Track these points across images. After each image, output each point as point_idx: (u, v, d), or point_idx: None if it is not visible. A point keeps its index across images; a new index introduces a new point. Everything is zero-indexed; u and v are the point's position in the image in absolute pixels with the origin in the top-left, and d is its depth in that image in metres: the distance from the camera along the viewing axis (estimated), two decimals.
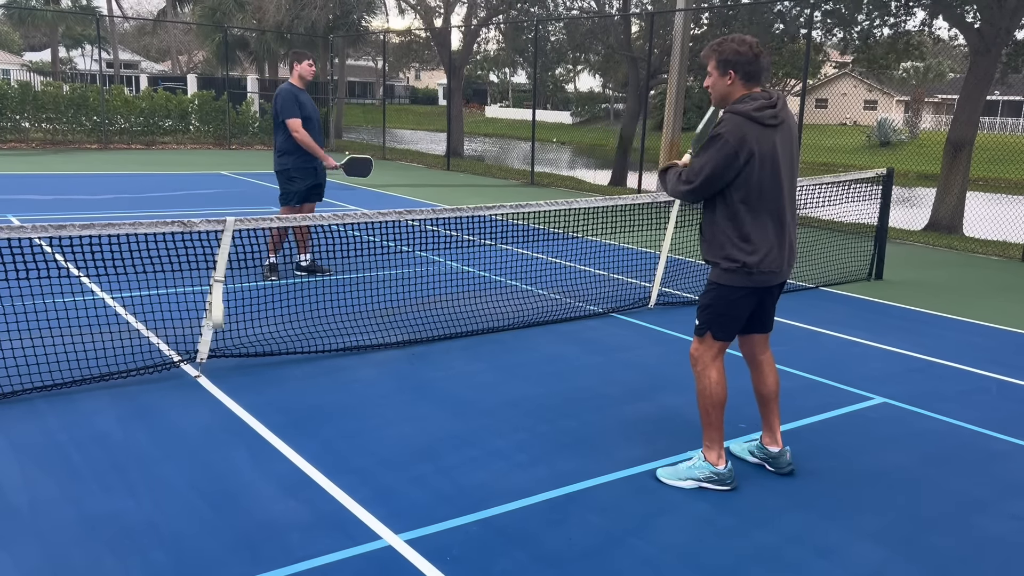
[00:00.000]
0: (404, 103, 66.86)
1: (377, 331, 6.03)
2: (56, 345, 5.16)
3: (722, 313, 3.76)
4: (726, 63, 3.59)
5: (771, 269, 3.67)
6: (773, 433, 4.02)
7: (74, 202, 11.98)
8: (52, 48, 50.35)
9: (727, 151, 3.51)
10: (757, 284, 3.70)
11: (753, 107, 3.53)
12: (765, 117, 3.54)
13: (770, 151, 3.57)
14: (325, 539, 3.27)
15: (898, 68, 19.24)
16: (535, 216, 9.90)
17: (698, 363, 3.83)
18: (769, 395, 4.00)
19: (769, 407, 4.01)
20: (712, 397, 3.78)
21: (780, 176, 3.62)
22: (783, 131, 3.62)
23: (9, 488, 3.60)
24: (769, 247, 3.64)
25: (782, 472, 4.01)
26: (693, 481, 3.82)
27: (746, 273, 3.66)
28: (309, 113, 7.52)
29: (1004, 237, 12.36)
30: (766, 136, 3.55)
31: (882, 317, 7.30)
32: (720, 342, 3.81)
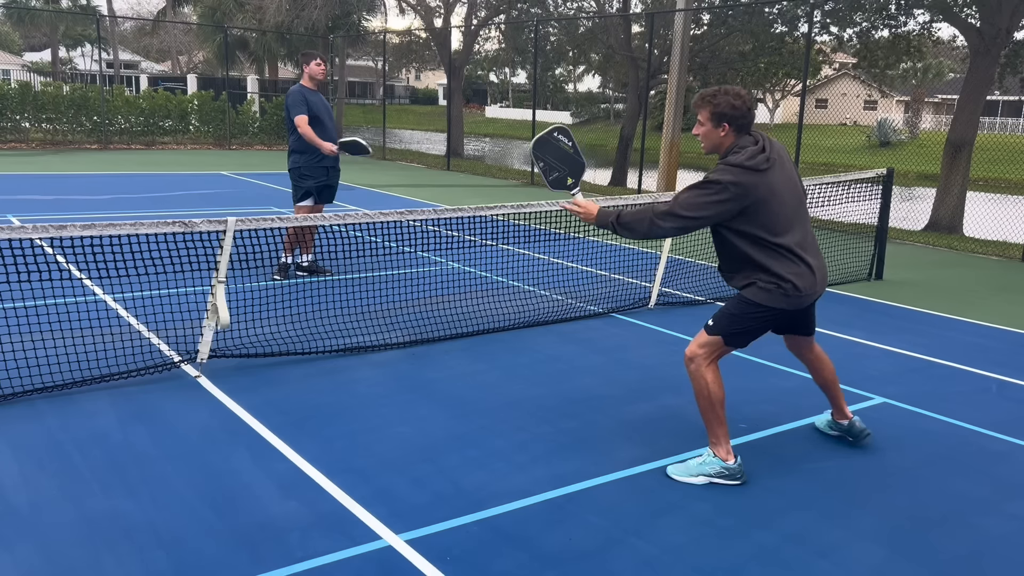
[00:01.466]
0: (404, 103, 66.87)
1: (377, 331, 6.03)
2: (57, 345, 5.16)
3: (745, 325, 3.84)
4: (721, 116, 3.72)
5: (806, 291, 3.77)
6: (841, 409, 4.34)
7: (74, 202, 11.98)
8: (52, 48, 50.35)
9: (724, 199, 3.64)
10: (791, 306, 3.80)
11: (745, 157, 3.66)
12: (759, 163, 3.66)
13: (771, 191, 3.69)
14: (325, 539, 3.27)
15: (898, 68, 19.19)
16: (535, 216, 9.90)
17: (692, 363, 3.86)
18: (827, 382, 4.28)
19: (832, 391, 4.30)
20: (711, 396, 3.82)
21: (788, 208, 3.74)
22: (778, 168, 3.75)
23: (9, 488, 3.60)
24: (798, 271, 3.74)
25: (860, 440, 4.32)
26: (704, 477, 3.87)
27: (783, 294, 3.74)
28: (318, 113, 7.48)
29: (1004, 237, 12.37)
30: (764, 180, 3.67)
31: (882, 317, 7.30)
32: (726, 348, 3.88)
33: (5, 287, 5.27)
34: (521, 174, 19.96)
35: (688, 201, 3.69)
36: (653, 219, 3.76)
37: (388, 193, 14.99)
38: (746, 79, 22.69)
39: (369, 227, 6.04)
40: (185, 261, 5.26)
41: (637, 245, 9.13)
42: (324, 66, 7.64)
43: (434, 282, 7.62)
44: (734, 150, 3.72)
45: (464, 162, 23.64)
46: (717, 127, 3.74)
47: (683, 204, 3.70)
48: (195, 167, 18.45)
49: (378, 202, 13.51)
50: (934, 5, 14.07)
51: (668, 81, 15.79)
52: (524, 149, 34.16)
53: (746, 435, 4.44)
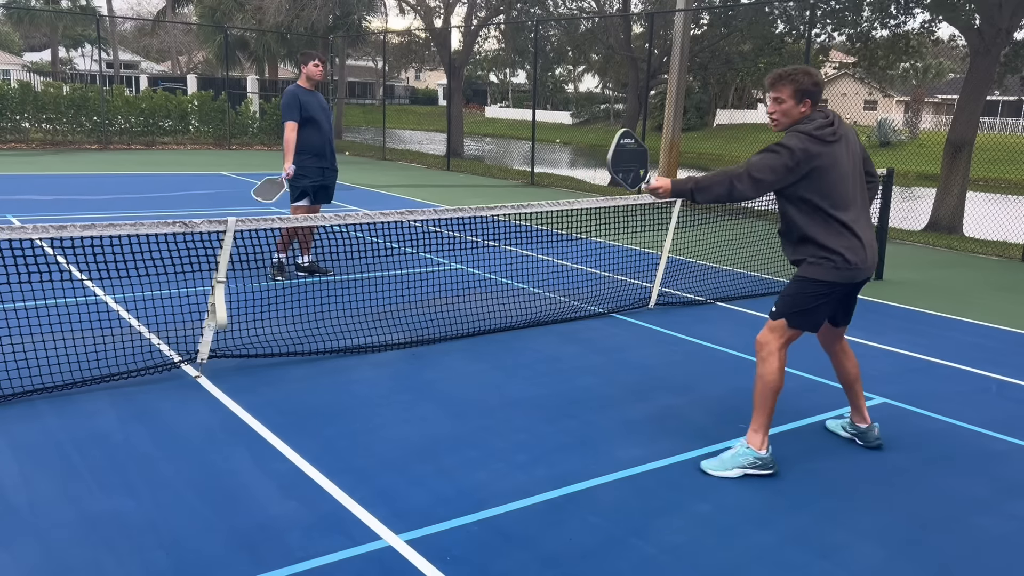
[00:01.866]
0: (404, 103, 66.87)
1: (378, 332, 6.03)
2: (57, 346, 5.16)
3: (803, 303, 3.96)
4: (804, 92, 3.92)
5: (858, 266, 3.91)
6: (860, 411, 4.36)
7: (74, 202, 11.98)
8: (52, 48, 50.37)
9: (790, 163, 3.82)
10: (843, 280, 3.93)
11: (814, 127, 3.87)
12: (826, 135, 3.87)
13: (834, 163, 3.88)
14: (325, 539, 3.27)
15: (897, 69, 19.20)
16: (536, 216, 9.90)
17: (763, 349, 4.00)
18: (849, 379, 4.32)
19: (853, 389, 4.34)
20: (771, 384, 3.96)
21: (848, 183, 3.93)
22: (844, 144, 3.95)
23: (9, 488, 3.60)
24: (850, 243, 3.90)
25: (870, 446, 4.33)
26: (739, 469, 3.97)
27: (834, 267, 3.89)
28: (313, 114, 7.41)
29: (1004, 237, 12.37)
30: (828, 150, 3.87)
31: (882, 317, 7.30)
32: (792, 331, 4.00)
33: (5, 288, 5.27)
34: (521, 174, 19.96)
35: (759, 164, 3.88)
36: (732, 181, 3.93)
37: (388, 193, 15.00)
38: (746, 79, 22.71)
39: (369, 227, 6.05)
40: (185, 261, 5.26)
41: (638, 245, 9.13)
42: (323, 67, 7.58)
43: (434, 282, 7.62)
44: (803, 121, 3.93)
45: (464, 162, 23.64)
46: (799, 103, 3.94)
47: (754, 166, 3.88)
48: (195, 167, 18.45)
49: (378, 202, 13.51)
50: (934, 5, 14.06)
51: (668, 81, 15.79)
52: (524, 149, 34.17)
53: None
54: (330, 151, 7.65)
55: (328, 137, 7.61)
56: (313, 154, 7.45)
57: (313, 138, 7.45)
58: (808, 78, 3.91)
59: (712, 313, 7.15)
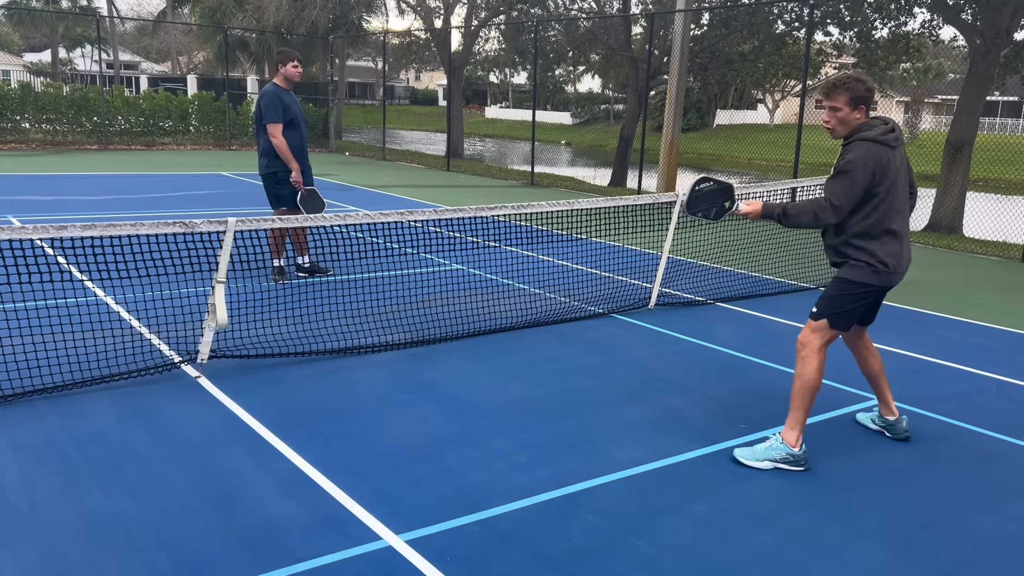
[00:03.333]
0: (404, 104, 66.88)
1: (378, 332, 6.03)
2: (57, 346, 5.16)
3: (844, 304, 4.08)
4: (858, 99, 4.00)
5: (897, 270, 4.04)
6: (888, 404, 4.48)
7: (75, 203, 11.98)
8: (52, 49, 50.35)
9: (866, 172, 3.90)
10: (884, 283, 4.06)
11: (879, 132, 3.97)
12: (889, 140, 3.98)
13: (895, 167, 3.98)
14: (325, 539, 3.27)
15: (897, 69, 19.22)
16: (536, 217, 9.90)
17: (804, 348, 4.10)
18: (873, 373, 4.45)
19: (878, 383, 4.47)
20: (809, 383, 4.06)
21: (901, 189, 4.04)
22: (900, 149, 4.06)
23: (9, 488, 3.60)
24: (893, 250, 4.01)
25: (899, 438, 4.45)
26: (770, 462, 4.05)
27: (874, 272, 4.01)
28: (294, 115, 7.32)
29: (1004, 238, 12.37)
30: (892, 155, 3.98)
31: (882, 317, 7.26)
32: (833, 331, 4.10)
33: (5, 288, 5.27)
34: (521, 175, 19.96)
35: (836, 190, 3.95)
36: (816, 212, 4.01)
37: (388, 193, 15.00)
38: (746, 79, 22.70)
39: (369, 228, 6.05)
40: (185, 262, 5.26)
41: (638, 246, 9.13)
42: (300, 68, 7.49)
43: (434, 282, 7.62)
44: (866, 127, 3.99)
45: (464, 162, 23.64)
46: (855, 109, 4.01)
47: (835, 194, 3.94)
48: (195, 167, 18.46)
49: (378, 203, 13.51)
50: (934, 5, 14.07)
51: (668, 81, 15.79)
52: (524, 150, 34.18)
53: (746, 435, 4.44)
54: (306, 151, 7.57)
55: (305, 141, 7.51)
56: (296, 156, 7.33)
57: (295, 140, 7.36)
58: (861, 85, 4.00)
59: (712, 313, 7.15)
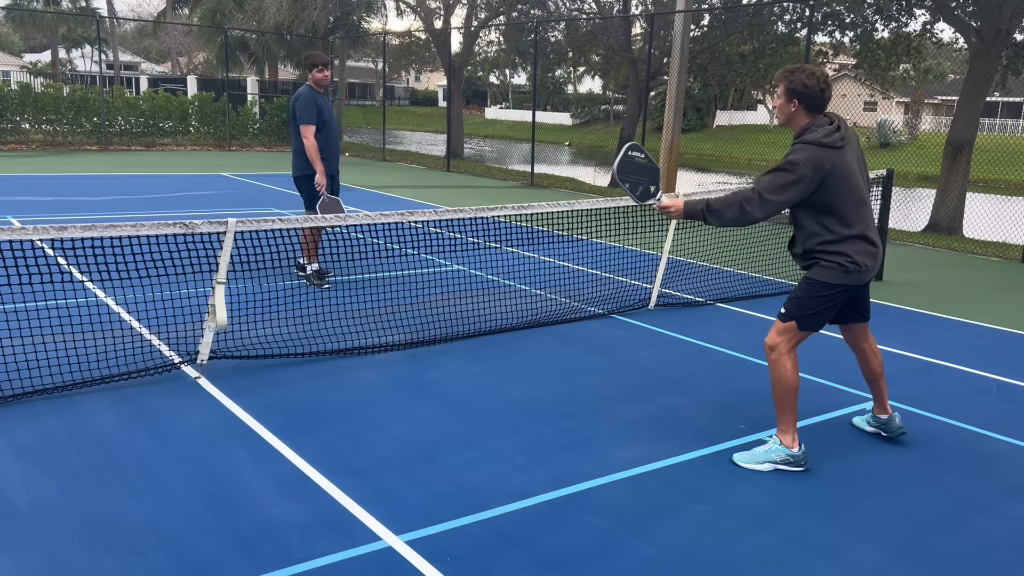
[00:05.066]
0: (404, 104, 66.89)
1: (378, 332, 6.03)
2: (57, 347, 5.16)
3: (813, 306, 4.00)
4: (793, 92, 3.89)
5: (868, 268, 3.97)
6: (882, 404, 4.46)
7: (75, 204, 11.98)
8: (52, 49, 50.37)
9: (801, 176, 3.80)
10: (853, 282, 3.97)
11: (822, 135, 3.84)
12: (834, 141, 3.84)
13: (844, 168, 3.87)
14: (325, 540, 3.27)
15: (897, 70, 19.20)
16: (536, 218, 9.90)
17: (773, 351, 4.03)
18: (874, 374, 4.39)
19: (877, 384, 4.41)
20: (787, 385, 4.00)
21: (857, 186, 3.93)
22: (849, 148, 3.93)
23: (9, 489, 3.60)
24: (864, 248, 3.93)
25: (894, 436, 4.43)
26: (770, 464, 4.03)
27: (844, 272, 3.93)
28: (327, 118, 7.41)
29: (1004, 238, 12.37)
30: (837, 157, 3.85)
31: (882, 318, 7.30)
32: (802, 332, 4.03)
33: (6, 289, 5.27)
34: (521, 175, 19.96)
35: (769, 184, 3.87)
36: (742, 204, 3.93)
37: (388, 194, 15.00)
38: (746, 80, 22.69)
39: (369, 228, 6.05)
40: (186, 262, 5.26)
41: (638, 246, 9.13)
42: (328, 72, 7.54)
43: (434, 283, 7.62)
44: (810, 128, 3.88)
45: (464, 163, 23.64)
46: (789, 102, 3.91)
47: (766, 188, 3.88)
48: (195, 168, 18.45)
49: (378, 203, 13.51)
50: (934, 6, 14.07)
51: (668, 82, 15.80)
52: (524, 150, 34.18)
53: (746, 436, 4.44)
54: (336, 153, 7.66)
55: (337, 143, 7.62)
56: (326, 158, 7.43)
57: (327, 143, 7.44)
58: (800, 78, 3.83)
59: (712, 314, 7.15)
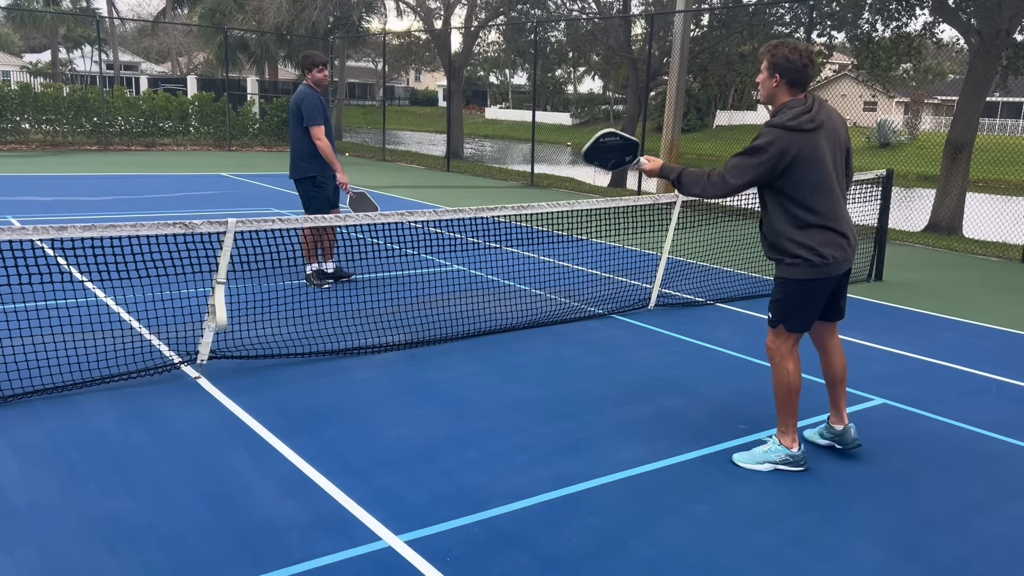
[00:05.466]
0: (404, 104, 66.87)
1: (378, 332, 6.03)
2: (57, 347, 5.16)
3: (792, 306, 3.94)
4: (775, 66, 3.81)
5: (836, 259, 3.85)
6: (839, 412, 4.25)
7: (75, 204, 11.98)
8: (52, 50, 50.36)
9: (764, 160, 3.74)
10: (822, 275, 3.86)
11: (789, 117, 3.74)
12: (802, 123, 3.73)
13: (813, 153, 3.75)
14: (325, 540, 3.27)
15: (898, 70, 19.22)
16: (536, 217, 9.90)
17: (775, 355, 4.00)
18: (835, 377, 4.20)
19: (836, 389, 4.22)
20: (789, 386, 3.97)
21: (828, 173, 3.81)
22: (825, 131, 3.80)
23: (9, 489, 3.60)
24: (827, 238, 3.82)
25: (848, 448, 4.23)
26: (770, 464, 4.02)
27: (811, 266, 3.83)
28: (327, 118, 7.45)
29: (1004, 238, 12.37)
30: (806, 140, 3.74)
31: (881, 318, 7.30)
32: (795, 334, 3.98)
33: (5, 289, 5.27)
34: (521, 175, 19.96)
35: (734, 166, 3.84)
36: (706, 183, 3.92)
37: (388, 194, 14.99)
38: (746, 80, 22.69)
39: (369, 228, 6.06)
40: (186, 262, 5.26)
41: (638, 246, 9.13)
42: (327, 72, 7.56)
43: (434, 283, 7.62)
44: (783, 110, 3.81)
45: (464, 163, 23.64)
46: (771, 77, 3.84)
47: (730, 169, 3.86)
48: (195, 168, 18.45)
49: (378, 203, 13.48)
50: (934, 6, 14.07)
51: (668, 82, 15.80)
52: (524, 150, 34.18)
53: (746, 436, 4.44)
54: None
55: (333, 141, 7.63)
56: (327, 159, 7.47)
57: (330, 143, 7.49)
58: (783, 52, 3.75)
59: (712, 314, 7.16)
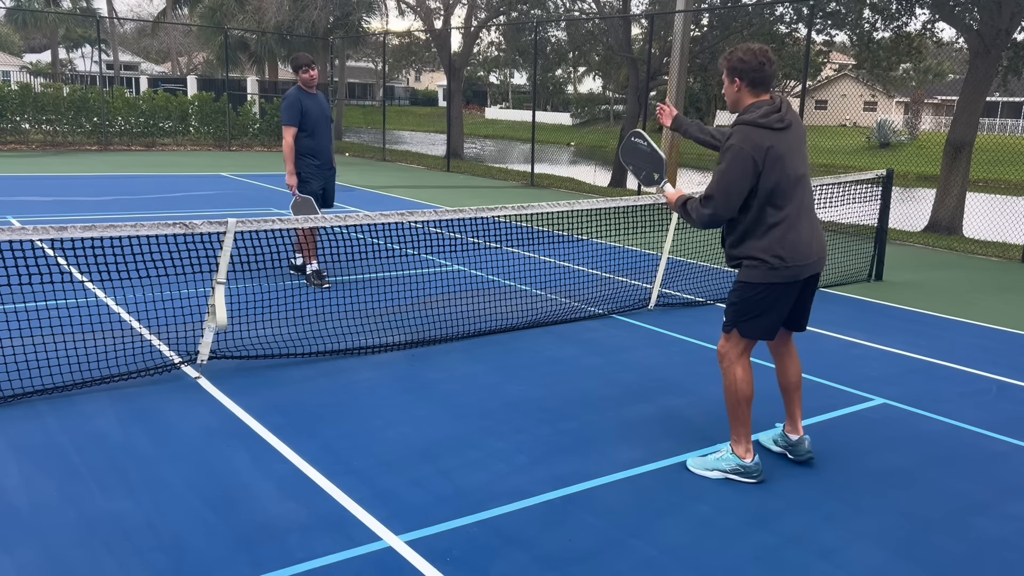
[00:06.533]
0: (404, 104, 66.88)
1: (378, 333, 6.03)
2: (57, 347, 5.16)
3: (748, 311, 3.82)
4: (732, 71, 3.77)
5: (796, 262, 3.73)
6: (794, 422, 4.14)
7: (75, 204, 11.98)
8: (52, 50, 50.36)
9: (743, 159, 3.63)
10: (783, 279, 3.75)
11: (759, 114, 3.68)
12: (772, 122, 3.68)
13: (782, 153, 3.67)
14: (325, 540, 3.27)
15: (898, 69, 19.24)
16: (536, 218, 9.90)
17: (724, 360, 3.91)
18: (789, 385, 4.11)
19: (790, 397, 4.12)
20: (738, 393, 3.86)
21: (791, 175, 3.71)
22: (792, 132, 3.74)
23: (9, 489, 3.60)
24: (792, 242, 3.72)
25: (800, 460, 4.12)
26: (720, 472, 3.93)
27: (769, 268, 3.72)
28: (315, 119, 7.44)
29: (1004, 238, 12.37)
30: (776, 139, 3.66)
31: (882, 318, 7.30)
32: (746, 339, 3.86)
33: (5, 289, 5.27)
34: (521, 175, 19.96)
35: (717, 181, 3.71)
36: (698, 207, 3.81)
37: (388, 194, 15.00)
38: None
39: (369, 228, 6.05)
40: (186, 262, 5.26)
41: (638, 246, 9.14)
42: (312, 72, 7.53)
43: (434, 283, 7.62)
44: (750, 109, 3.73)
45: (464, 163, 23.64)
46: (731, 82, 3.79)
47: (714, 186, 3.72)
48: (195, 168, 18.46)
49: (378, 203, 13.50)
50: (934, 5, 14.07)
51: (668, 82, 15.80)
52: (524, 150, 34.19)
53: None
54: (328, 154, 7.68)
55: (327, 142, 7.62)
56: (317, 157, 7.51)
57: (312, 142, 7.50)
58: (736, 54, 3.73)
59: (712, 314, 7.15)
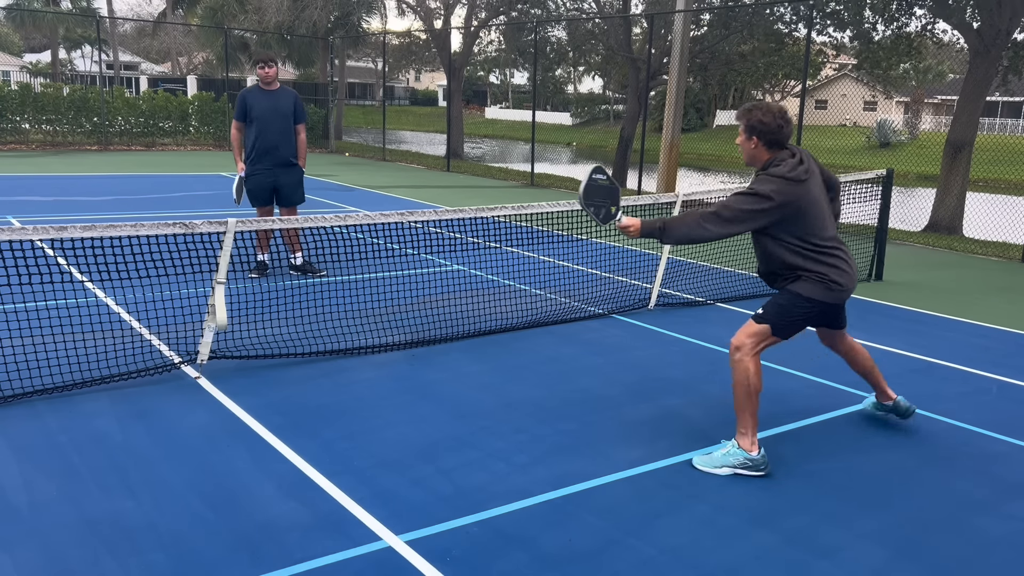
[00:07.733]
0: (404, 104, 66.87)
1: (378, 332, 6.03)
2: (57, 347, 5.16)
3: (792, 315, 4.03)
4: (751, 129, 3.99)
5: (847, 288, 4.04)
6: (883, 391, 4.60)
7: (75, 204, 11.99)
8: (52, 50, 50.36)
9: (767, 208, 3.86)
10: (833, 300, 4.03)
11: (787, 169, 3.90)
12: (799, 175, 3.90)
13: (811, 199, 3.93)
14: (325, 540, 3.27)
15: (898, 69, 19.24)
16: (536, 217, 9.89)
17: (738, 351, 3.99)
18: (866, 370, 4.56)
19: (871, 376, 4.57)
20: (749, 387, 3.95)
21: (824, 214, 4.01)
22: (814, 178, 3.99)
23: (9, 489, 3.60)
24: (841, 268, 4.00)
25: (906, 415, 4.61)
26: (728, 468, 3.98)
27: (827, 288, 3.98)
28: (260, 114, 7.51)
29: (1004, 238, 12.36)
30: (804, 189, 3.91)
31: (882, 318, 7.30)
32: (773, 338, 4.04)
33: (5, 289, 5.27)
34: (521, 175, 19.96)
35: (733, 208, 3.90)
36: (700, 221, 3.95)
37: (388, 194, 15.00)
38: (746, 80, 22.70)
39: (369, 228, 6.05)
40: (186, 262, 5.26)
41: (638, 246, 9.13)
42: (267, 70, 7.59)
43: (434, 283, 7.62)
44: (775, 163, 3.95)
45: (464, 163, 23.65)
46: (748, 139, 4.01)
47: (729, 210, 3.90)
48: (195, 168, 18.46)
49: (378, 203, 13.51)
50: (934, 5, 14.07)
51: (668, 82, 15.80)
52: (524, 150, 34.18)
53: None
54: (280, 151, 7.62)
55: (279, 135, 7.60)
56: (257, 155, 7.55)
57: (257, 139, 7.53)
58: (757, 115, 3.94)
59: (712, 314, 7.15)
